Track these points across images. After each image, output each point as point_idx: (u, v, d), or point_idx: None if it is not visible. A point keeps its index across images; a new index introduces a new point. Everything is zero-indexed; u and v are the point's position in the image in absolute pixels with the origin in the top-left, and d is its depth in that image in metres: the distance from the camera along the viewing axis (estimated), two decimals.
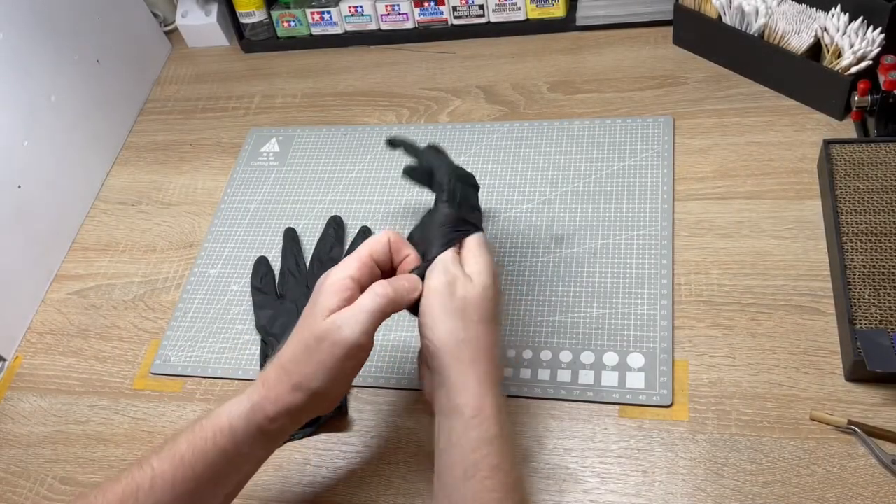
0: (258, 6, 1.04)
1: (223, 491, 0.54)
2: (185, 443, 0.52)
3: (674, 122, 0.84)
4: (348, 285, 0.53)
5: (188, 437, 0.52)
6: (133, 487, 0.50)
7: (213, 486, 0.53)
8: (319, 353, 0.51)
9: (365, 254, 0.55)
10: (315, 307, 0.53)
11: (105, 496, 0.51)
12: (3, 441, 0.76)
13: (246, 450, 0.53)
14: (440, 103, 0.95)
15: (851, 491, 0.58)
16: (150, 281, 0.85)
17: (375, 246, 0.56)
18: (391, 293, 0.52)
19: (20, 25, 0.86)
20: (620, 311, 0.71)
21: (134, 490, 0.50)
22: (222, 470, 0.52)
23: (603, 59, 0.94)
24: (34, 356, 0.82)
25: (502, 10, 0.98)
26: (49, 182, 0.89)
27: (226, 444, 0.52)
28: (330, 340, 0.51)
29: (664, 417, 0.65)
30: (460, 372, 0.52)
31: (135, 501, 0.50)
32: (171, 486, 0.51)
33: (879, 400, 0.62)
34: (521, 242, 0.78)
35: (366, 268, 0.55)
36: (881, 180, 0.71)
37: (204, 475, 0.51)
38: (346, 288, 0.53)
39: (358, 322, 0.51)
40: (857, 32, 0.77)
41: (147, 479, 0.51)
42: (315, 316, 0.52)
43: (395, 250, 0.57)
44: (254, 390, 0.53)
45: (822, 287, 0.69)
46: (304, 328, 0.52)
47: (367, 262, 0.55)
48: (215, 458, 0.52)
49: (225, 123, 1.00)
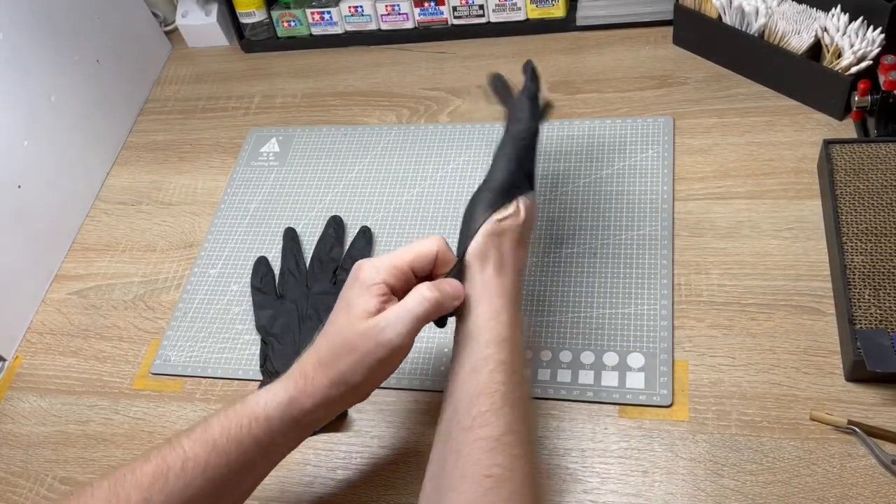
0: (258, 6, 1.04)
1: (252, 478, 0.55)
2: (219, 428, 0.52)
3: (674, 122, 0.84)
4: (384, 290, 0.53)
5: (221, 423, 0.52)
6: (164, 468, 0.50)
7: (244, 474, 0.53)
8: (360, 352, 0.51)
9: (405, 265, 0.54)
10: (351, 307, 0.53)
11: (135, 475, 0.50)
12: (3, 441, 0.76)
13: (280, 440, 0.53)
14: (440, 103, 0.95)
15: (851, 491, 0.58)
16: (150, 281, 0.85)
17: (420, 261, 0.55)
18: (439, 298, 0.52)
19: (20, 25, 0.86)
20: (620, 311, 0.71)
21: (165, 471, 0.50)
22: (254, 458, 0.53)
23: (603, 59, 0.94)
24: (34, 356, 0.82)
25: (502, 10, 0.98)
26: (49, 182, 0.89)
27: (260, 434, 0.52)
28: (374, 341, 0.51)
29: (664, 417, 0.65)
30: (484, 282, 0.54)
31: (165, 482, 0.50)
32: (202, 469, 0.51)
33: (879, 400, 0.62)
34: None
35: (402, 277, 0.54)
36: (881, 180, 0.71)
37: (237, 462, 0.52)
38: (383, 293, 0.53)
39: (403, 324, 0.51)
40: (858, 32, 0.77)
41: (179, 460, 0.51)
42: (352, 315, 0.52)
43: (441, 262, 0.56)
44: (290, 382, 0.53)
45: (822, 287, 0.69)
46: (342, 326, 0.52)
47: (406, 273, 0.55)
48: (249, 445, 0.52)
49: (225, 123, 1.00)
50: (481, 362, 0.51)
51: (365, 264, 0.54)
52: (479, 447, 0.48)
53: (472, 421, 0.49)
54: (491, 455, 0.47)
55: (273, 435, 0.52)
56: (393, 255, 0.55)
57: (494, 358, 0.51)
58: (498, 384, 0.50)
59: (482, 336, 0.52)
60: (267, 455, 0.54)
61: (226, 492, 0.53)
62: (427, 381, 0.71)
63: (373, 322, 0.51)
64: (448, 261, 0.56)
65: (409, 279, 0.55)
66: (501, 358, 0.51)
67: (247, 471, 0.53)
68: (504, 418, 0.49)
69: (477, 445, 0.48)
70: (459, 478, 0.47)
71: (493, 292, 0.55)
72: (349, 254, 0.81)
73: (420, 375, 0.71)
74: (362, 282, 0.53)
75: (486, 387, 0.50)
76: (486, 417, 0.49)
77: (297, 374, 0.53)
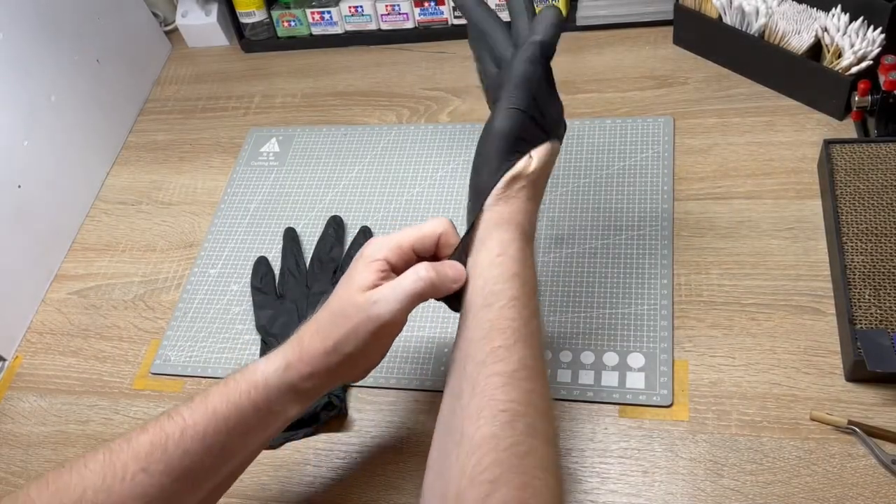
0: (258, 6, 1.04)
1: (251, 446, 0.55)
2: (218, 396, 0.52)
3: (674, 122, 0.84)
4: (383, 266, 0.53)
5: (221, 391, 0.52)
6: (162, 437, 0.50)
7: (243, 440, 0.53)
8: (353, 322, 0.51)
9: (407, 245, 0.55)
10: (352, 280, 0.53)
11: (131, 445, 0.50)
12: (3, 441, 0.76)
13: (278, 407, 0.53)
14: (440, 103, 0.95)
15: (851, 491, 0.58)
16: (150, 281, 0.85)
17: (422, 241, 0.55)
18: (434, 278, 0.52)
19: (21, 25, 0.86)
20: (620, 311, 0.71)
21: (163, 440, 0.50)
22: (254, 425, 0.53)
23: (603, 59, 0.94)
24: (34, 356, 0.82)
25: (503, 10, 0.98)
26: (49, 182, 0.89)
27: (258, 400, 0.52)
28: (365, 314, 0.51)
29: (664, 417, 0.65)
30: (497, 220, 0.54)
31: (163, 451, 0.50)
32: (202, 436, 0.51)
33: (879, 400, 0.62)
34: None
35: (404, 256, 0.55)
36: (881, 180, 0.71)
37: (236, 429, 0.52)
38: (382, 269, 0.53)
39: (395, 300, 0.51)
40: (858, 32, 0.77)
41: (177, 429, 0.51)
42: (352, 287, 0.53)
43: (444, 244, 0.56)
44: (288, 349, 0.53)
45: (823, 287, 0.69)
46: (342, 297, 0.53)
47: (407, 253, 0.55)
48: (248, 412, 0.52)
49: (225, 123, 1.00)
50: (493, 297, 0.51)
51: (372, 241, 0.55)
52: (493, 383, 0.48)
53: (486, 356, 0.49)
54: (505, 391, 0.47)
55: (271, 401, 0.53)
56: (398, 234, 0.55)
57: (506, 294, 0.51)
58: (510, 320, 0.50)
59: (492, 272, 0.52)
60: (266, 422, 0.54)
61: (224, 460, 0.53)
62: (427, 381, 0.71)
63: (367, 295, 0.52)
64: (452, 244, 0.56)
65: (410, 258, 0.55)
66: (512, 294, 0.51)
67: (247, 437, 0.53)
68: (517, 353, 0.49)
69: (492, 381, 0.48)
70: (476, 410, 0.47)
71: (502, 227, 0.54)
72: (349, 254, 0.81)
73: (420, 375, 0.71)
74: (366, 257, 0.54)
75: (497, 322, 0.50)
76: (500, 353, 0.49)
77: (294, 342, 0.54)
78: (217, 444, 0.51)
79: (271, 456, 0.69)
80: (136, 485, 0.49)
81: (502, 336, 0.49)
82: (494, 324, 0.50)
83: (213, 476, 0.53)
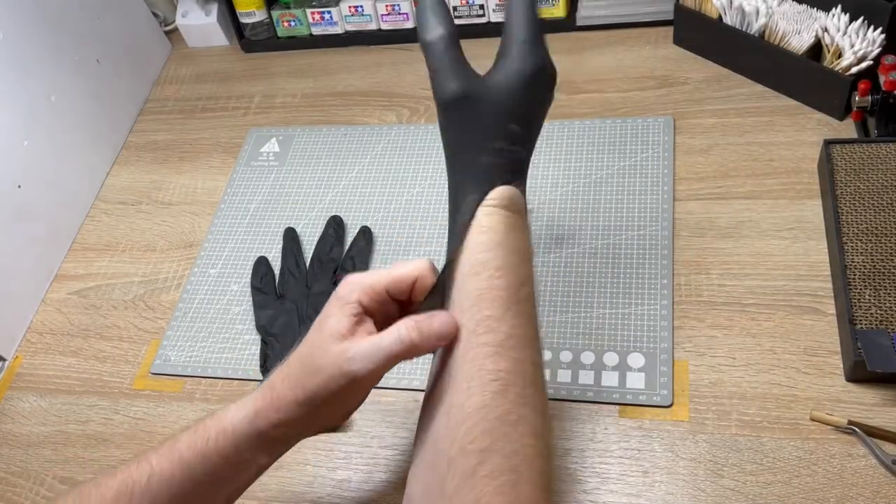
0: (258, 6, 1.04)
1: (222, 494, 0.54)
2: (186, 442, 0.51)
3: (674, 122, 0.84)
4: (356, 310, 0.51)
5: (189, 437, 0.51)
6: (129, 483, 0.50)
7: (212, 489, 0.52)
8: (325, 376, 0.49)
9: (381, 287, 0.52)
10: (324, 324, 0.51)
11: (99, 490, 0.50)
12: (3, 441, 0.76)
13: (247, 455, 0.52)
14: None
15: (851, 491, 0.58)
16: (150, 281, 0.85)
17: (396, 285, 0.52)
18: (416, 340, 0.49)
19: (21, 25, 0.86)
20: (620, 311, 0.71)
21: (130, 486, 0.50)
22: (221, 473, 0.52)
23: (603, 59, 0.94)
24: (34, 356, 0.82)
25: (503, 9, 0.98)
26: (49, 182, 0.89)
27: (226, 447, 0.51)
28: (339, 369, 0.49)
29: (664, 418, 0.65)
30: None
31: (129, 498, 0.49)
32: (167, 485, 0.50)
33: (879, 400, 0.62)
34: None
35: (377, 298, 0.52)
36: (881, 180, 0.71)
37: (203, 477, 0.51)
38: (355, 312, 0.51)
39: (372, 360, 0.49)
40: (858, 33, 0.77)
41: (144, 475, 0.50)
42: (323, 333, 0.50)
43: (419, 288, 0.53)
44: (259, 395, 0.52)
45: (823, 287, 0.69)
46: (314, 344, 0.51)
47: (381, 295, 0.52)
48: (215, 460, 0.51)
49: (225, 123, 1.00)
50: (479, 266, 0.50)
51: (346, 281, 0.52)
52: (482, 353, 0.47)
53: (476, 325, 0.48)
54: (495, 360, 0.47)
55: (239, 449, 0.51)
56: (372, 274, 0.53)
57: (492, 263, 0.49)
58: (499, 290, 0.49)
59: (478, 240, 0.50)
60: (234, 470, 0.52)
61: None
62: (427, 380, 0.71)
63: (342, 347, 0.49)
64: (427, 286, 0.52)
65: (384, 300, 0.52)
66: (498, 263, 0.50)
67: (214, 486, 0.52)
68: (507, 323, 0.48)
69: (482, 351, 0.47)
70: (466, 380, 0.47)
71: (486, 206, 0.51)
72: (349, 254, 0.81)
73: (420, 375, 0.71)
74: (339, 298, 0.52)
75: (487, 291, 0.49)
76: (489, 323, 0.48)
77: (266, 388, 0.52)
78: (183, 492, 0.50)
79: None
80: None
81: (491, 306, 0.48)
82: (483, 293, 0.49)
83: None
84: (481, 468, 0.43)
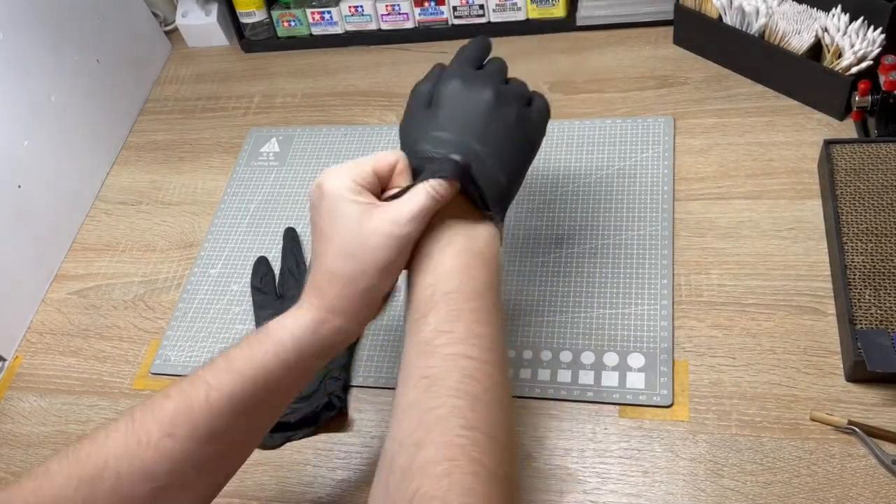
0: (258, 6, 1.04)
1: (279, 405, 0.54)
2: (242, 359, 0.51)
3: (674, 122, 0.84)
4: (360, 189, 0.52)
5: (244, 353, 0.51)
6: (187, 402, 0.49)
7: (274, 399, 0.52)
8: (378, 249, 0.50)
9: (370, 167, 0.53)
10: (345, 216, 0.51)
11: (154, 414, 0.49)
12: (3, 441, 0.76)
13: (312, 363, 0.52)
14: None
15: (852, 491, 0.58)
16: (150, 281, 0.85)
17: (381, 164, 0.54)
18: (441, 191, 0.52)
19: (20, 25, 0.86)
20: (620, 311, 0.71)
21: (188, 405, 0.49)
22: (284, 384, 0.52)
23: (603, 59, 0.94)
24: (34, 356, 0.82)
25: (502, 10, 0.98)
26: (49, 182, 0.89)
27: (289, 359, 0.51)
28: (391, 236, 0.50)
29: (664, 418, 0.65)
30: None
31: (188, 416, 0.48)
32: (228, 400, 0.49)
33: (880, 400, 0.62)
34: (522, 242, 0.78)
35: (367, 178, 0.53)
36: (881, 180, 0.71)
37: (264, 390, 0.50)
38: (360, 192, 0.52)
39: (416, 219, 0.51)
40: (858, 33, 0.77)
41: (202, 393, 0.49)
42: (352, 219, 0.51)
43: (399, 172, 0.55)
44: (309, 305, 0.52)
45: (823, 287, 0.69)
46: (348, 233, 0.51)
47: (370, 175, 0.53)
48: (279, 372, 0.51)
49: (225, 123, 1.00)
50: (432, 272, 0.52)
51: (327, 179, 0.53)
52: (412, 352, 0.49)
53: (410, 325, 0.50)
54: (423, 357, 0.48)
55: (303, 356, 0.51)
56: (354, 162, 0.54)
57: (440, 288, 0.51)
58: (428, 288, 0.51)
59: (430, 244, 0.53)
60: (296, 378, 0.53)
61: (251, 420, 0.51)
62: None
63: (382, 217, 0.50)
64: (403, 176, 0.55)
65: (373, 181, 0.53)
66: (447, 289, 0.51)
67: (276, 397, 0.52)
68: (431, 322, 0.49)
69: (410, 350, 0.49)
70: (403, 379, 0.49)
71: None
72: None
73: None
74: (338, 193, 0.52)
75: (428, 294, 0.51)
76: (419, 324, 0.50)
77: (312, 296, 0.52)
78: (244, 406, 0.50)
79: (271, 456, 0.69)
80: (160, 450, 0.48)
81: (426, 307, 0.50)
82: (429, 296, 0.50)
83: (239, 437, 0.52)
84: (417, 460, 0.44)
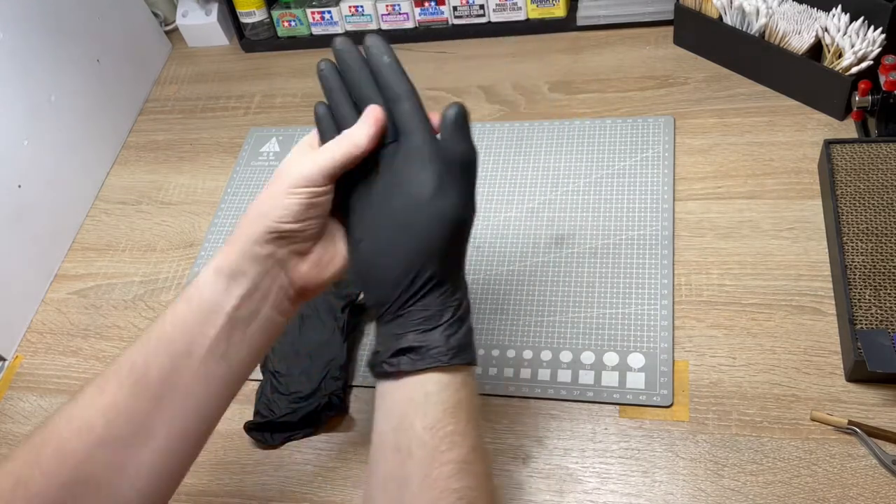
0: (258, 6, 1.04)
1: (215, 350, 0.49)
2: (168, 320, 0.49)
3: (674, 122, 0.84)
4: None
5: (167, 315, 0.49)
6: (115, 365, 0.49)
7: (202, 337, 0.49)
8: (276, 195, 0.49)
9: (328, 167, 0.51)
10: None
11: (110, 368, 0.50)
12: (3, 441, 0.76)
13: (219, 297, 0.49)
14: (440, 103, 0.94)
15: (852, 491, 0.58)
16: (150, 281, 0.85)
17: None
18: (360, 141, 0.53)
19: (21, 25, 0.86)
20: (620, 311, 0.71)
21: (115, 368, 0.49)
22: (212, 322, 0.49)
23: (603, 59, 0.94)
24: (34, 356, 0.82)
25: (503, 9, 0.98)
26: (49, 182, 0.89)
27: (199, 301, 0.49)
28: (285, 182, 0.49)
29: (664, 417, 0.65)
30: None
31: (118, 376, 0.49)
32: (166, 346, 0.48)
33: (880, 400, 0.62)
34: (521, 242, 0.78)
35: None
36: (882, 180, 0.71)
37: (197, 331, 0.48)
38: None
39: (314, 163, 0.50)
40: (858, 33, 0.77)
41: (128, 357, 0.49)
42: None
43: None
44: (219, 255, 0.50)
45: (823, 287, 0.69)
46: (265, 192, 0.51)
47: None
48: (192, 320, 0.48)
49: (225, 123, 1.00)
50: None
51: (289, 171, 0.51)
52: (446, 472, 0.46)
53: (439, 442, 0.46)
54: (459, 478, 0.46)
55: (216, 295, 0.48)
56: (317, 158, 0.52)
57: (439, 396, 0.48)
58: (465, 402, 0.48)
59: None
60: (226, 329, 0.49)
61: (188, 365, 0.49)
62: None
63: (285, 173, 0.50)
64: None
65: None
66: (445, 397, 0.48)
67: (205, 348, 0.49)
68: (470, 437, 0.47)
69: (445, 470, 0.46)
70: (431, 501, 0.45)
71: None
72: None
73: None
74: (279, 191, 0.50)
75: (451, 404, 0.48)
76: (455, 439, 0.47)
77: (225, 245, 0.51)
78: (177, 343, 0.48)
79: (271, 456, 0.69)
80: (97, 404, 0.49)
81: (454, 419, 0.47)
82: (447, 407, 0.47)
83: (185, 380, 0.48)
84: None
